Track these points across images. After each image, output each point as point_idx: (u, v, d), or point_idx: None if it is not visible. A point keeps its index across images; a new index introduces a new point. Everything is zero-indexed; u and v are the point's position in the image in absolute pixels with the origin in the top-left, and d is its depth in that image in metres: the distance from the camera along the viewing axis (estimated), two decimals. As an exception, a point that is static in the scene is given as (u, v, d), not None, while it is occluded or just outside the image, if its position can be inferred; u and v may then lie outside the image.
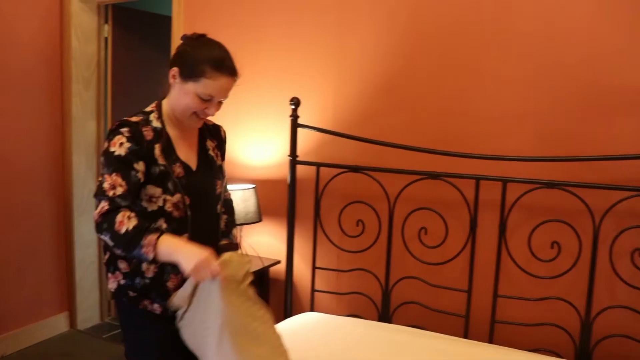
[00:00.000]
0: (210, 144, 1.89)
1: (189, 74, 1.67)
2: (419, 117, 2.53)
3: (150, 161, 1.65)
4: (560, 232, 2.27)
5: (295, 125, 2.58)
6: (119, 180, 1.59)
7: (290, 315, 2.60)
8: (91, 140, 3.62)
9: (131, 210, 1.59)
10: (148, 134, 1.67)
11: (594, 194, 2.18)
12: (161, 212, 1.67)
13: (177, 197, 1.69)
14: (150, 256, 1.55)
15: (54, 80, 3.40)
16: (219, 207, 1.88)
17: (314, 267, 2.69)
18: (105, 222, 1.56)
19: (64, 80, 3.43)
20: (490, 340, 2.37)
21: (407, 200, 2.50)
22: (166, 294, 1.70)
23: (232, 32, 2.94)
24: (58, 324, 3.57)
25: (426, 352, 2.13)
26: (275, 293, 2.92)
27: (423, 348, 2.16)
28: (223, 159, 1.96)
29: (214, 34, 2.68)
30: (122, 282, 1.72)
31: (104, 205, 1.57)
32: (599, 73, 2.20)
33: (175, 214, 1.69)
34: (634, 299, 2.20)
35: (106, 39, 3.59)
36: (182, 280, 1.67)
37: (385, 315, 2.57)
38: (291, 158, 2.61)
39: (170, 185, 1.68)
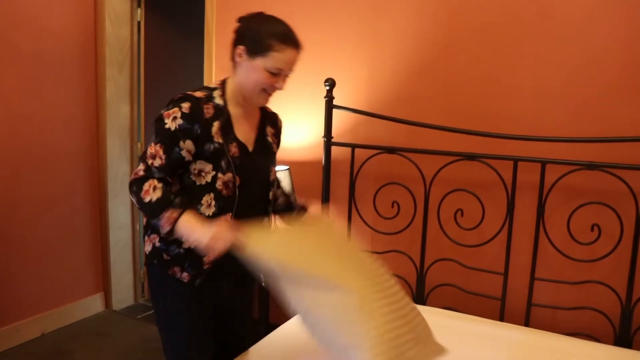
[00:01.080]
0: (269, 130, 1.90)
1: (257, 49, 1.68)
2: (454, 99, 2.50)
3: (206, 138, 1.66)
4: (600, 215, 2.24)
5: (330, 106, 2.57)
6: (160, 152, 1.63)
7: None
8: (125, 124, 3.65)
9: (160, 181, 1.64)
10: (208, 111, 1.67)
11: (636, 176, 2.15)
12: (210, 188, 1.69)
13: (229, 176, 1.71)
14: (166, 230, 1.61)
15: (89, 65, 3.43)
16: (270, 194, 1.89)
17: None
18: (134, 186, 1.64)
19: (98, 65, 3.46)
20: (527, 323, 2.36)
21: (443, 182, 2.49)
22: (199, 266, 1.72)
23: None
24: (94, 304, 3.64)
25: (461, 334, 2.13)
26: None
27: (458, 330, 2.16)
28: (278, 147, 1.96)
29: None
30: (157, 244, 1.75)
31: (140, 169, 1.65)
32: None
33: (225, 192, 1.70)
34: None
35: (139, 22, 3.62)
36: (217, 256, 1.66)
37: (419, 297, 2.57)
38: (326, 139, 2.61)
39: (223, 164, 1.69)
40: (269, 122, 1.92)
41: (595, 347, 2.08)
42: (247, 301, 2.04)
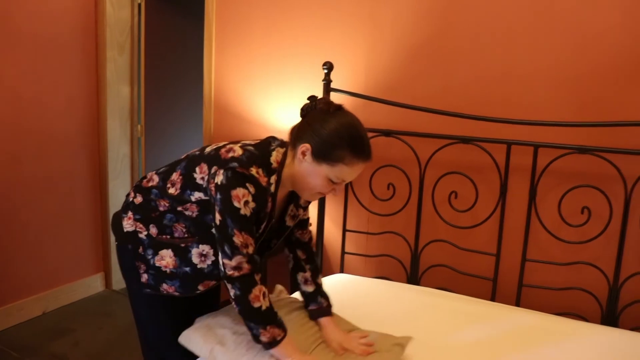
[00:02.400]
0: (292, 209, 1.80)
1: (325, 156, 1.56)
2: (450, 83, 2.54)
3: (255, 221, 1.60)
4: (591, 198, 2.29)
5: (328, 90, 2.60)
6: (250, 240, 1.55)
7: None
8: (125, 105, 3.68)
9: (261, 281, 1.58)
10: (266, 195, 1.59)
11: (626, 160, 2.19)
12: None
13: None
14: (259, 342, 1.56)
15: (89, 46, 3.45)
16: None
17: (344, 230, 2.74)
18: (239, 283, 1.53)
19: (98, 46, 3.48)
20: (518, 303, 2.41)
21: (438, 165, 2.53)
22: (157, 283, 1.71)
23: (265, 0, 2.97)
24: (94, 284, 3.70)
25: (454, 313, 2.18)
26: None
27: (451, 310, 2.21)
28: (304, 209, 1.87)
29: (247, 2, 2.72)
30: (141, 236, 1.71)
31: (243, 263, 1.53)
32: (634, 39, 2.18)
33: None
34: None
35: (139, 4, 3.63)
36: (176, 292, 1.70)
37: (413, 277, 2.62)
38: (323, 122, 2.63)
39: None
40: (294, 199, 1.80)
41: (583, 325, 2.14)
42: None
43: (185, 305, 1.81)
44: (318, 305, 1.84)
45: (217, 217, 1.53)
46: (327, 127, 1.56)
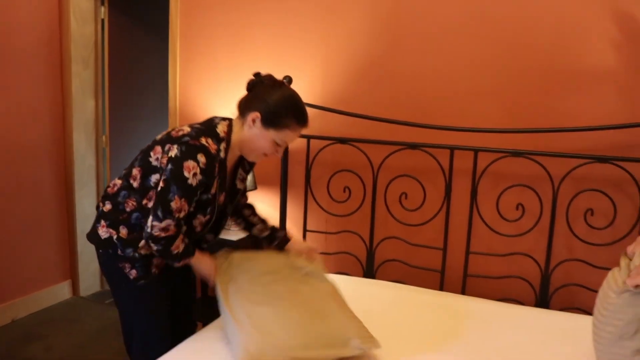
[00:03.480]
0: (241, 173, 1.99)
1: (273, 123, 1.76)
2: (399, 95, 2.68)
3: (207, 190, 1.77)
4: (524, 196, 2.48)
5: (287, 101, 2.75)
6: (185, 206, 1.70)
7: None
8: (90, 118, 3.72)
9: (182, 233, 1.77)
10: (216, 168, 1.74)
11: (554, 162, 2.39)
12: (185, 223, 1.81)
13: (207, 218, 1.85)
14: (177, 266, 1.82)
15: (54, 61, 3.47)
16: (221, 224, 2.04)
17: (305, 230, 2.86)
18: (164, 241, 1.71)
19: (63, 61, 3.52)
20: (463, 292, 2.58)
21: (389, 169, 2.68)
22: (148, 269, 1.86)
23: (229, 18, 3.04)
24: (62, 291, 3.70)
25: (407, 303, 2.30)
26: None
27: (404, 300, 2.34)
28: (246, 179, 2.08)
29: (210, 19, 2.84)
30: (115, 240, 1.81)
31: (170, 225, 1.69)
32: (561, 55, 2.40)
33: (198, 229, 1.87)
34: (587, 253, 2.42)
35: (103, 20, 3.68)
36: (165, 262, 1.87)
37: (369, 272, 2.76)
38: (283, 132, 2.77)
39: (209, 210, 1.83)
40: (243, 163, 1.99)
41: (519, 309, 2.31)
42: (189, 281, 2.18)
43: (167, 291, 1.97)
44: (279, 239, 2.14)
45: (161, 184, 1.68)
46: (274, 98, 1.78)
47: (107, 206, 1.84)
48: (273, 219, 2.93)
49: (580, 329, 2.01)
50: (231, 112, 1.93)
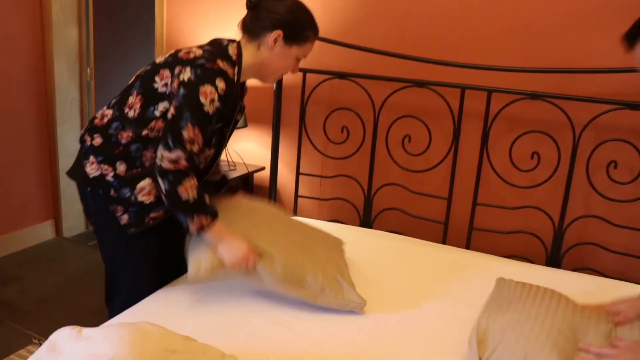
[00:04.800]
0: (241, 104, 1.88)
1: (295, 39, 1.70)
2: (406, 26, 2.51)
3: (220, 119, 1.66)
4: (540, 144, 2.33)
5: (282, 30, 2.54)
6: (199, 137, 1.57)
7: (274, 221, 2.64)
8: (73, 48, 3.51)
9: (195, 175, 1.61)
10: (234, 95, 1.65)
11: (576, 107, 2.23)
12: None
13: (211, 152, 1.74)
14: (191, 231, 1.63)
15: (32, -18, 3.26)
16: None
17: (298, 174, 2.73)
18: (172, 175, 1.55)
19: (42, -17, 3.30)
20: (467, 246, 2.46)
21: (392, 108, 2.52)
22: (142, 218, 1.67)
23: None
24: (44, 231, 3.60)
25: (406, 256, 2.21)
26: (260, 199, 2.96)
27: (403, 252, 2.25)
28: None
29: None
30: (109, 178, 1.64)
31: (181, 158, 1.55)
32: None
33: (202, 166, 1.74)
34: (605, 209, 2.30)
35: (87, -61, 3.45)
36: (164, 216, 1.70)
37: (366, 220, 2.65)
38: (277, 64, 2.59)
39: (214, 141, 1.72)
40: (241, 92, 1.88)
41: (528, 267, 2.19)
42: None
43: (158, 243, 1.80)
44: (227, 188, 2.05)
45: (172, 111, 1.55)
46: (290, 13, 1.70)
47: (97, 140, 1.66)
48: (264, 160, 2.78)
49: (593, 292, 1.91)
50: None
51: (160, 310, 1.64)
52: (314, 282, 1.68)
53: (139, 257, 1.77)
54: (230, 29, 2.85)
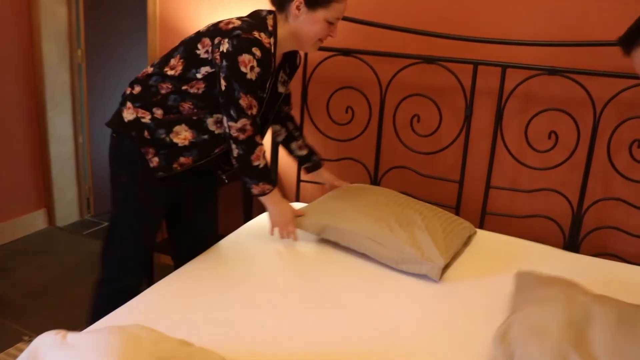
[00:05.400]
0: (282, 76, 1.96)
1: (317, 2, 1.73)
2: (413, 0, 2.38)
3: (261, 86, 1.75)
4: (558, 122, 2.22)
5: (281, 4, 2.40)
6: (254, 101, 1.71)
7: (275, 207, 2.53)
8: (62, 28, 3.38)
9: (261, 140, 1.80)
10: (269, 62, 1.73)
11: (596, 83, 2.12)
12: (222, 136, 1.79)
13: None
14: (253, 193, 1.85)
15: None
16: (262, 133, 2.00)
17: None
18: (245, 145, 1.73)
19: (28, -41, 3.15)
20: None
21: (399, 87, 2.40)
22: (170, 162, 1.76)
23: None
24: (36, 221, 3.49)
25: None
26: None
27: None
28: (289, 81, 2.05)
29: None
30: (145, 120, 1.74)
31: (246, 125, 1.71)
32: None
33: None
34: (627, 191, 2.20)
35: None
36: (193, 162, 1.79)
37: (373, 206, 2.51)
38: (277, 42, 2.46)
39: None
40: (288, 65, 1.98)
41: (548, 250, 2.11)
42: (209, 206, 2.09)
43: (178, 196, 1.94)
44: (313, 162, 2.22)
45: (223, 83, 1.68)
46: None
47: (137, 89, 1.79)
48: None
49: (614, 278, 1.85)
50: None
51: (153, 309, 1.52)
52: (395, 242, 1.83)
53: (147, 210, 1.84)
54: (224, 7, 2.73)
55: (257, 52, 1.65)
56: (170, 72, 1.73)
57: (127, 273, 1.85)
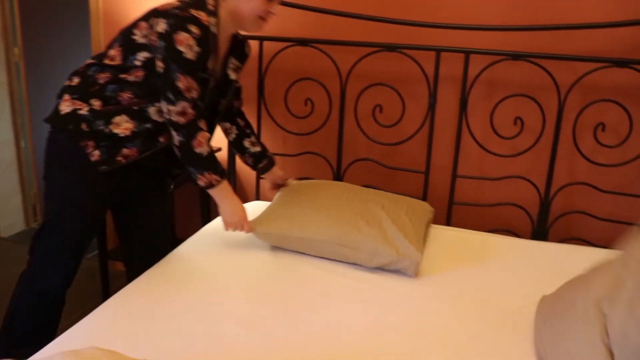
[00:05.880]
0: (233, 62, 1.89)
1: None
2: (372, -16, 2.31)
3: (202, 66, 1.66)
4: (523, 108, 2.21)
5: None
6: (193, 83, 1.62)
7: (235, 207, 2.42)
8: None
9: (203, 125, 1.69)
10: (211, 39, 1.65)
11: (560, 67, 2.12)
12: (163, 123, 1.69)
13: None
14: (199, 185, 1.72)
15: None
16: (213, 124, 1.92)
17: None
18: (185, 129, 1.63)
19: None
20: (448, 222, 2.33)
21: (360, 76, 2.34)
22: (114, 155, 1.66)
23: None
24: (-23, 231, 3.28)
25: None
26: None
27: None
28: (241, 69, 1.96)
29: None
30: (82, 112, 1.63)
31: (187, 108, 1.61)
32: None
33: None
34: (593, 175, 2.20)
35: None
36: (139, 154, 1.69)
37: (337, 201, 2.43)
38: (230, 32, 2.34)
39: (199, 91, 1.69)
40: (236, 53, 1.90)
41: (514, 241, 2.07)
42: (161, 210, 1.96)
43: (123, 196, 1.84)
44: (268, 160, 2.10)
45: (160, 65, 1.60)
46: None
47: (75, 80, 1.69)
48: (219, 140, 2.57)
49: (582, 263, 1.76)
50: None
51: (109, 327, 1.38)
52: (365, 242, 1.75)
53: (82, 206, 1.71)
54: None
55: (195, 30, 1.58)
56: (109, 62, 1.66)
57: (53, 274, 1.71)
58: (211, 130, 1.88)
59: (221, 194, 1.76)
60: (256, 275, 1.73)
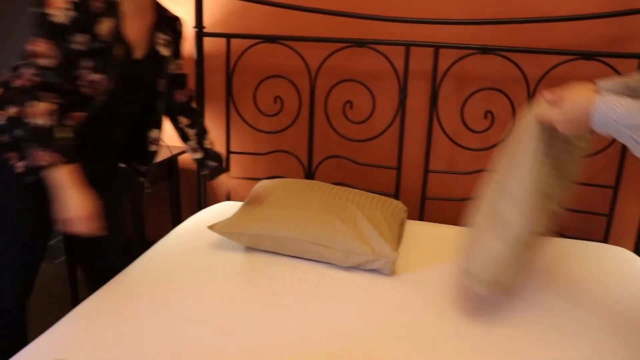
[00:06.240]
0: (162, 37, 1.68)
1: None
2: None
3: (89, 33, 1.43)
4: (494, 102, 2.23)
5: (200, -8, 2.27)
6: (54, 51, 1.38)
7: (205, 207, 2.39)
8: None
9: (55, 100, 1.41)
10: (97, 5, 1.43)
11: (528, 60, 2.14)
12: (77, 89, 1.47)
13: (100, 77, 1.48)
14: (28, 165, 1.47)
15: None
16: (157, 111, 1.75)
17: (228, 152, 2.50)
18: (21, 97, 1.39)
19: None
20: (421, 217, 2.34)
21: (330, 73, 2.33)
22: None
23: None
24: None
25: None
26: (187, 184, 2.70)
27: None
28: (178, 56, 1.79)
29: None
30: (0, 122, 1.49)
31: (26, 73, 1.37)
32: None
33: (87, 90, 1.49)
34: None
35: None
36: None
37: (309, 200, 2.42)
38: (197, 30, 2.31)
39: (100, 63, 1.47)
40: (165, 28, 1.70)
41: None
42: (108, 215, 1.73)
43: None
44: (210, 169, 1.93)
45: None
46: None
47: None
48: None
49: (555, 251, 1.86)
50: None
51: (76, 338, 1.32)
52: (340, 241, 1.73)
53: (19, 220, 1.58)
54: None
55: None
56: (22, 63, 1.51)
57: (4, 297, 1.60)
58: (156, 115, 1.75)
59: (59, 181, 1.44)
60: (230, 277, 1.68)
